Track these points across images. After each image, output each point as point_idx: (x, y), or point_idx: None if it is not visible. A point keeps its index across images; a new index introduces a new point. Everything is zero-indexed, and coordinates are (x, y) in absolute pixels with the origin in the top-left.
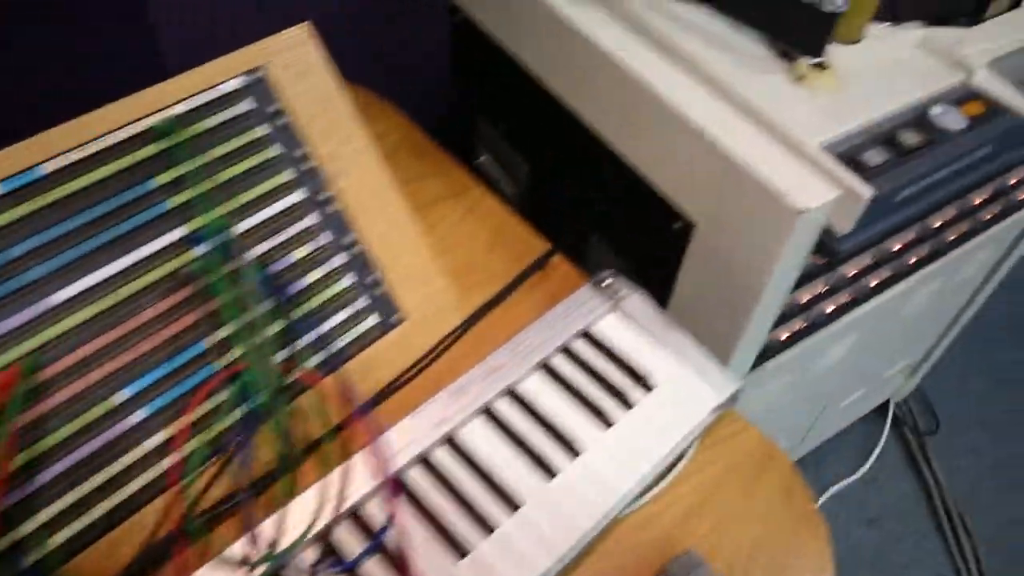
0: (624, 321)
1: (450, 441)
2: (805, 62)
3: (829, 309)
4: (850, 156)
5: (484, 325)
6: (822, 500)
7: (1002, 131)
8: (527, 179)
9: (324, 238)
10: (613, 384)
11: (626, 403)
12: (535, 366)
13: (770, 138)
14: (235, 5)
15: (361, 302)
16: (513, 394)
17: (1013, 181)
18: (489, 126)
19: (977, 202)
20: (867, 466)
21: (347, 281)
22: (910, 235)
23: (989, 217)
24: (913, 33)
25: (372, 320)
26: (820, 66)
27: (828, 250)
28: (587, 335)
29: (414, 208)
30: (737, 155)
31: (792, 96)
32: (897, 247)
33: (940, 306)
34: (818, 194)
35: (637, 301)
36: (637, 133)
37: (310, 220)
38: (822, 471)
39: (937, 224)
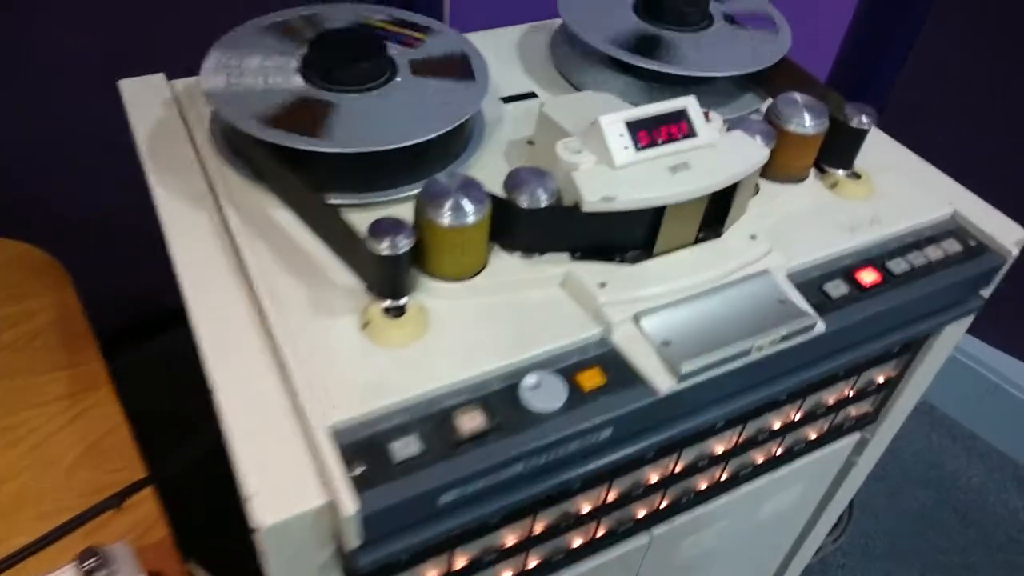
0: None
1: None
2: (378, 305)
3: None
4: (371, 444)
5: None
6: None
7: (617, 415)
8: None
9: None
10: None
11: None
12: None
13: (286, 409)
14: None
15: None
16: None
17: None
18: None
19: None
20: None
21: None
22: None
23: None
24: (560, 268)
25: None
26: (395, 311)
27: (350, 568)
28: None
29: (23, 408)
30: (233, 432)
31: (350, 349)
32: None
33: (749, 537)
34: (284, 506)
35: None
36: None
37: None
38: None
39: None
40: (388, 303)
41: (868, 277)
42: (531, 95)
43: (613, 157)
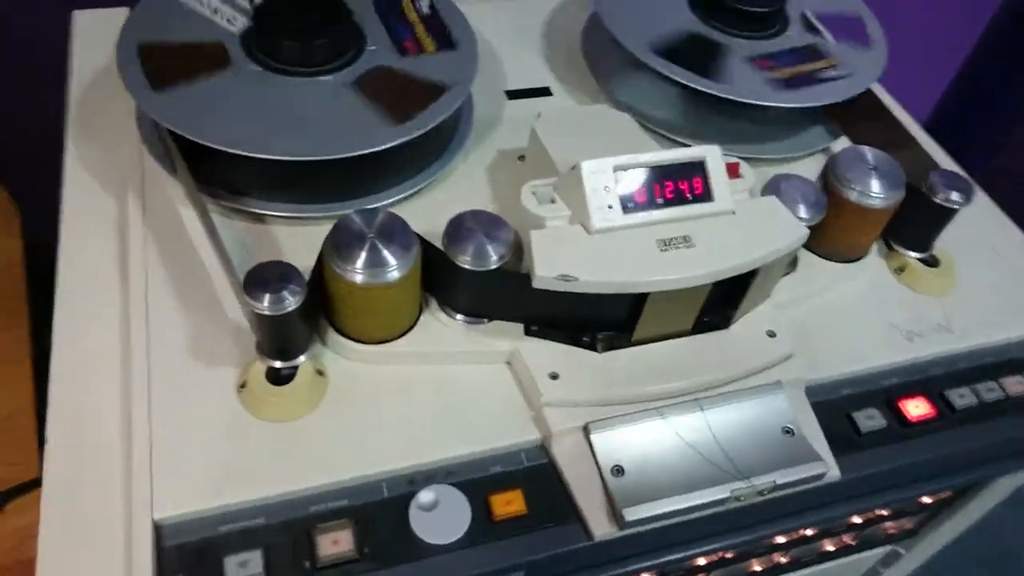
0: None
1: None
2: (262, 365)
3: None
4: (204, 553)
5: None
6: None
7: (532, 559)
8: None
9: None
10: None
11: None
12: None
13: (118, 484)
14: None
15: None
16: None
17: None
18: None
19: None
20: None
21: None
22: None
23: None
24: (507, 344)
25: None
26: (281, 376)
27: None
28: None
29: None
30: (48, 504)
31: (215, 417)
32: None
33: None
34: None
35: None
36: None
37: None
38: None
39: None
40: (276, 363)
41: (916, 410)
42: (544, 92)
43: (591, 218)
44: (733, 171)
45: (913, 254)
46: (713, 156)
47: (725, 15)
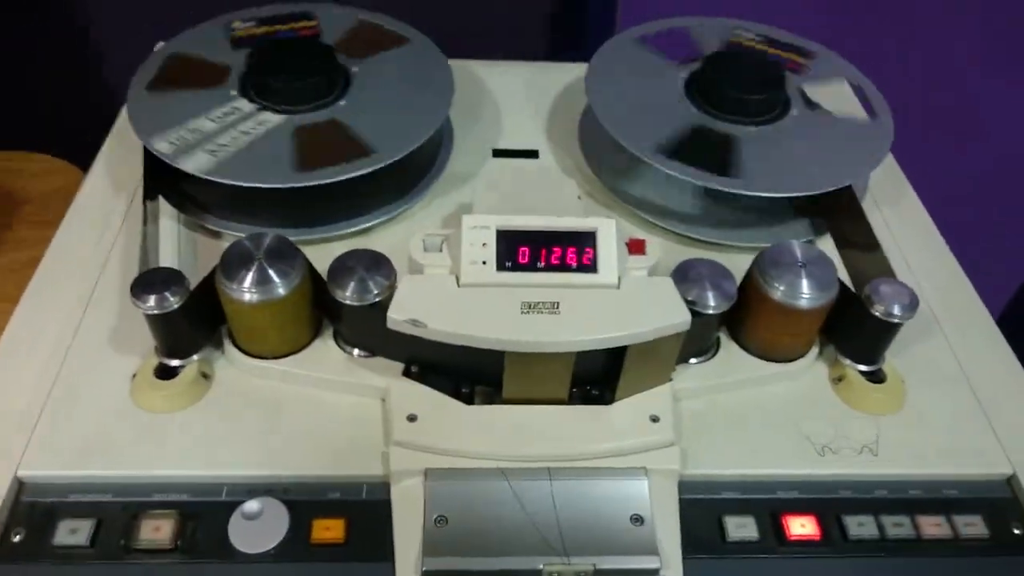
0: None
1: None
2: (153, 360)
3: None
4: (49, 513)
5: None
6: None
7: None
8: None
9: None
10: None
11: None
12: None
13: (9, 430)
14: None
15: None
16: None
17: None
18: None
19: None
20: None
21: None
22: None
23: None
24: (382, 380)
25: None
26: (165, 372)
27: None
28: None
29: None
30: None
31: (106, 396)
32: None
33: None
34: None
35: None
36: None
37: None
38: None
39: None
40: (166, 360)
41: (801, 529)
42: (532, 154)
43: (461, 271)
44: (638, 247)
45: (859, 366)
46: (606, 229)
47: (710, 97)
